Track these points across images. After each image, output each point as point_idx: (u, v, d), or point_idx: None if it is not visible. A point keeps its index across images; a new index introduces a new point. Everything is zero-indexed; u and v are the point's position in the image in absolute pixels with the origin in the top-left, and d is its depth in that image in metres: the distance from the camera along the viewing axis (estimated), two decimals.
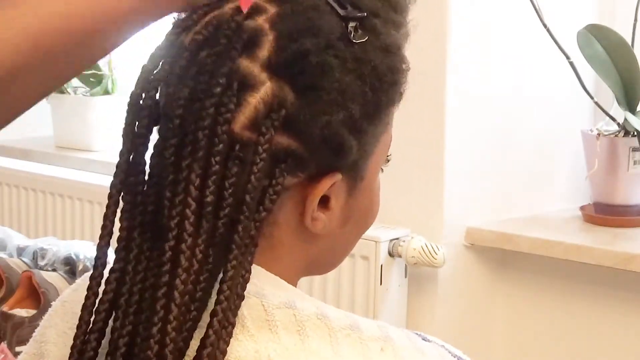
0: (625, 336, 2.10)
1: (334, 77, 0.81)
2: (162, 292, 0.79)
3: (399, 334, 0.85)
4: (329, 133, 0.81)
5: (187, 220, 0.79)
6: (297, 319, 0.81)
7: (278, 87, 0.81)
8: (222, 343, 0.78)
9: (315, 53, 0.81)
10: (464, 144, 2.14)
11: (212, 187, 0.79)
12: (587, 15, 2.22)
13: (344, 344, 0.81)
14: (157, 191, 0.81)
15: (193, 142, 0.79)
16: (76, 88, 2.97)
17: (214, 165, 0.79)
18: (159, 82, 0.83)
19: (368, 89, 0.83)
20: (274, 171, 0.81)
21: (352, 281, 2.17)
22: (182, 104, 0.80)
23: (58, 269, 2.00)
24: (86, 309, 0.83)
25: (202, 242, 0.79)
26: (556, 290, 2.17)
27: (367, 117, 0.84)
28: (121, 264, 0.82)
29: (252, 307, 0.81)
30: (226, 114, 0.79)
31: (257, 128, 0.80)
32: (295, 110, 0.81)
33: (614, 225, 2.12)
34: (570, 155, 2.27)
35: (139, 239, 0.82)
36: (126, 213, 0.83)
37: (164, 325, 0.78)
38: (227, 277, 0.79)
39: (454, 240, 2.15)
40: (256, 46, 0.81)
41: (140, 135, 0.83)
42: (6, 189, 2.99)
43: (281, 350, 0.80)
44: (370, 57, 0.84)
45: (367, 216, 0.91)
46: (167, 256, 0.79)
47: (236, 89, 0.80)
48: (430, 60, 2.10)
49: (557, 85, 2.23)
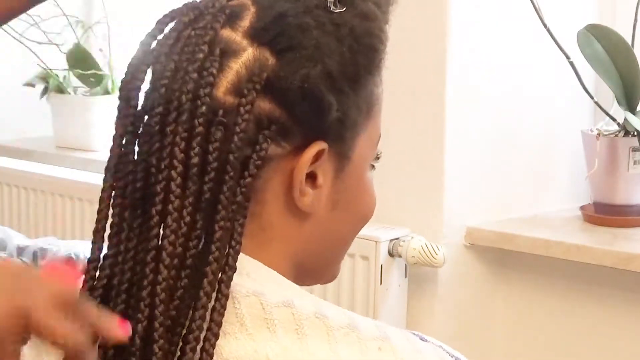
0: (625, 336, 2.10)
1: (312, 36, 0.85)
2: (151, 256, 0.81)
3: (397, 334, 0.85)
4: (308, 87, 0.84)
5: (174, 182, 0.81)
6: (295, 318, 0.82)
7: (259, 51, 0.84)
8: (216, 315, 0.80)
9: (293, 15, 0.84)
10: (464, 144, 2.14)
11: (196, 148, 0.81)
12: (587, 15, 2.22)
13: (342, 343, 0.81)
14: (145, 166, 0.83)
15: (177, 107, 0.82)
16: (76, 88, 2.97)
17: (197, 127, 0.82)
18: (148, 65, 0.85)
19: (346, 49, 0.86)
20: (257, 137, 0.83)
21: (352, 281, 2.16)
22: (168, 74, 0.83)
23: None
24: (83, 295, 0.84)
25: (189, 205, 0.81)
26: (556, 290, 2.17)
27: (346, 77, 0.86)
28: (114, 248, 0.84)
29: (250, 306, 0.82)
30: (208, 77, 0.82)
31: (239, 92, 0.83)
32: (275, 72, 0.84)
33: (614, 225, 2.12)
34: (570, 155, 2.27)
35: (129, 218, 0.84)
36: (118, 197, 0.85)
37: (154, 287, 0.79)
38: (216, 238, 0.81)
39: (454, 240, 2.15)
40: (238, 18, 0.85)
41: (129, 115, 0.85)
42: (6, 189, 2.99)
43: (279, 349, 0.80)
44: (348, 21, 0.87)
45: (356, 205, 0.91)
46: (155, 220, 0.81)
47: (218, 55, 0.83)
48: (430, 60, 2.10)
49: (557, 85, 2.23)
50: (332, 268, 0.95)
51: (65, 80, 2.96)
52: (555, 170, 2.29)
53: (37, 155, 2.99)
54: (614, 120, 2.13)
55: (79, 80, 2.96)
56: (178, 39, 0.85)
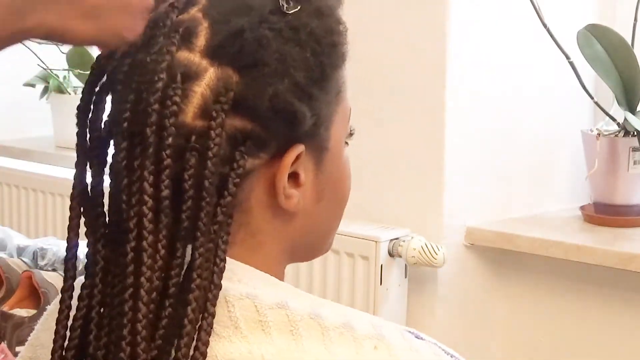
0: (625, 336, 2.10)
1: (272, 49, 0.82)
2: (129, 293, 0.79)
3: (393, 332, 0.85)
4: (278, 103, 0.82)
5: (145, 217, 0.79)
6: (289, 319, 0.81)
7: (221, 70, 0.82)
8: (204, 334, 0.78)
9: (249, 29, 0.82)
10: (464, 144, 2.14)
11: (165, 181, 0.79)
12: (587, 15, 2.22)
13: (337, 342, 0.81)
14: (116, 197, 0.81)
15: (142, 141, 0.80)
16: (76, 88, 2.98)
17: (165, 159, 0.79)
18: (106, 92, 0.84)
19: (309, 54, 0.84)
20: (233, 155, 0.82)
21: (352, 281, 2.16)
22: (129, 107, 0.81)
23: (58, 269, 2.00)
24: (60, 323, 0.83)
25: (163, 238, 0.79)
26: (556, 290, 2.17)
27: (313, 82, 0.85)
28: (90, 278, 0.83)
29: (244, 309, 0.81)
30: (172, 106, 0.80)
31: (208, 115, 0.81)
32: (241, 89, 0.81)
33: (614, 225, 2.12)
34: (570, 155, 2.27)
35: (103, 250, 0.82)
36: (89, 227, 0.84)
37: (134, 326, 0.78)
38: (196, 266, 0.79)
39: (454, 240, 2.15)
40: (193, 36, 0.82)
41: (94, 147, 0.84)
42: (6, 189, 2.99)
43: (274, 350, 0.80)
44: (305, 22, 0.84)
45: (339, 189, 0.91)
46: (130, 257, 0.79)
47: (180, 81, 0.81)
48: (430, 60, 2.10)
49: (557, 86, 2.23)
50: (325, 246, 0.95)
51: (65, 80, 2.96)
52: (555, 170, 2.29)
53: (37, 155, 2.99)
54: (614, 120, 2.13)
55: (79, 80, 2.96)
56: (133, 66, 0.82)
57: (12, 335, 1.89)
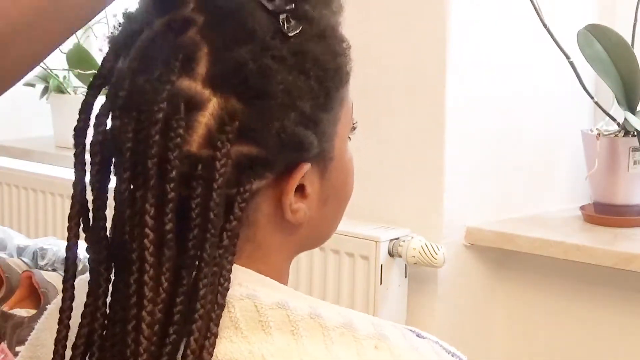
0: (625, 336, 2.10)
1: (277, 80, 0.80)
2: (132, 326, 0.78)
3: (394, 331, 0.84)
4: (286, 136, 0.81)
5: (147, 250, 0.78)
6: (290, 319, 0.81)
7: (224, 100, 0.79)
8: (206, 354, 0.78)
9: (252, 60, 0.79)
10: (464, 144, 2.14)
11: (169, 214, 0.78)
12: (587, 15, 2.22)
13: (338, 343, 0.81)
14: (120, 225, 0.80)
15: (143, 172, 0.78)
16: (76, 88, 2.98)
17: (169, 192, 0.78)
18: (105, 116, 0.81)
19: (313, 82, 0.82)
20: (240, 179, 0.80)
21: (352, 281, 2.16)
22: (130, 136, 0.79)
23: (58, 269, 2.00)
24: (59, 343, 0.82)
25: (167, 270, 0.78)
26: (556, 290, 2.17)
27: (319, 107, 0.83)
28: (92, 298, 0.82)
29: (245, 309, 0.81)
30: (176, 139, 0.78)
31: (213, 144, 0.79)
32: (247, 119, 0.80)
33: (614, 225, 2.12)
34: (570, 155, 2.27)
35: (105, 273, 0.82)
36: (92, 247, 0.83)
37: (135, 358, 0.77)
38: (200, 296, 0.78)
39: (454, 240, 2.15)
40: (193, 62, 0.80)
41: (95, 173, 0.82)
42: (6, 189, 2.99)
43: (275, 350, 0.80)
44: (308, 48, 0.82)
45: (345, 190, 0.91)
46: (133, 289, 0.78)
47: (184, 112, 0.79)
48: (430, 61, 2.10)
49: (557, 86, 2.23)
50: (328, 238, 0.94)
51: (65, 80, 2.96)
52: (555, 170, 2.30)
53: (37, 155, 2.99)
54: (614, 120, 2.13)
55: (79, 80, 2.96)
56: (131, 90, 0.80)
57: (12, 335, 1.89)
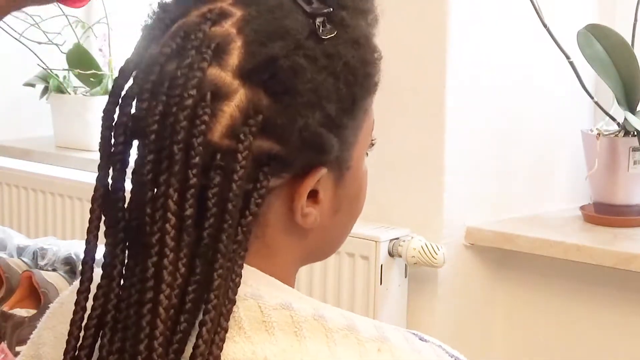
0: (625, 336, 2.10)
1: (307, 78, 0.81)
2: (147, 309, 0.78)
3: (396, 334, 0.84)
4: (308, 134, 0.81)
5: (168, 235, 0.78)
6: (293, 320, 0.81)
7: (252, 93, 0.80)
8: (215, 348, 0.78)
9: (284, 56, 0.80)
10: (464, 144, 2.14)
11: (190, 200, 0.79)
12: (587, 15, 2.22)
13: (340, 344, 0.81)
14: (139, 208, 0.81)
15: (169, 156, 0.79)
16: (76, 88, 2.97)
17: (191, 178, 0.79)
18: (132, 98, 0.82)
19: (342, 85, 0.83)
20: (257, 175, 0.81)
21: (352, 281, 2.17)
22: (157, 119, 0.80)
23: (58, 269, 2.00)
24: (75, 324, 0.83)
25: (184, 256, 0.79)
26: (556, 290, 2.17)
27: (344, 112, 0.84)
28: (107, 280, 0.82)
29: (248, 309, 0.81)
30: (201, 125, 0.79)
31: (235, 135, 0.80)
32: (271, 113, 0.80)
33: (614, 225, 2.12)
34: (570, 155, 2.27)
35: (121, 255, 0.82)
36: (109, 229, 0.83)
37: (151, 342, 0.78)
38: (214, 287, 0.79)
39: (454, 240, 2.15)
40: (225, 53, 0.81)
41: (118, 152, 0.83)
42: (6, 189, 2.99)
43: (278, 351, 0.80)
44: (341, 52, 0.83)
45: (357, 202, 0.91)
46: (150, 272, 0.79)
47: (210, 100, 0.79)
48: (430, 60, 2.10)
49: (557, 85, 2.23)
50: (334, 251, 0.95)
51: (65, 80, 2.96)
52: (555, 170, 2.30)
53: (37, 155, 2.99)
54: (614, 120, 2.13)
55: (79, 80, 2.96)
56: (161, 75, 0.81)
57: (12, 335, 1.89)
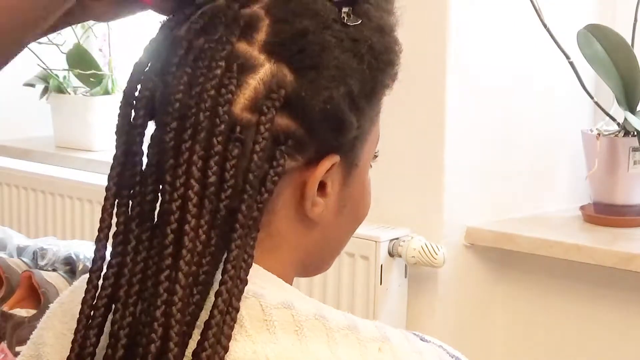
0: (625, 336, 2.10)
1: (333, 55, 0.83)
2: (165, 275, 0.79)
3: (397, 335, 0.85)
4: (331, 108, 0.83)
5: (190, 201, 0.79)
6: (295, 319, 0.81)
7: (277, 68, 0.82)
8: (227, 327, 0.79)
9: (313, 32, 0.82)
10: (464, 144, 2.14)
11: (214, 167, 0.80)
12: (587, 15, 2.22)
13: (341, 344, 0.81)
14: (156, 179, 0.82)
15: (194, 124, 0.80)
16: (76, 88, 2.98)
17: (216, 145, 0.80)
18: (154, 74, 0.83)
19: (366, 67, 0.85)
20: (274, 153, 0.82)
21: (352, 281, 2.17)
22: (182, 88, 0.81)
23: (58, 269, 2.00)
24: (86, 303, 0.83)
25: (205, 224, 0.80)
26: (556, 290, 2.17)
27: (365, 95, 0.86)
28: (119, 258, 0.82)
29: (250, 307, 0.81)
30: (227, 94, 0.80)
31: (257, 109, 0.81)
32: (294, 89, 0.82)
33: (614, 225, 2.12)
34: (570, 155, 2.27)
35: (137, 230, 0.82)
36: (123, 207, 0.83)
37: (169, 307, 0.78)
38: (232, 257, 0.80)
39: (454, 240, 2.15)
40: (254, 30, 0.83)
41: (137, 126, 0.83)
42: (6, 189, 2.99)
43: (279, 350, 0.80)
44: (366, 36, 0.85)
45: (359, 208, 0.92)
46: (170, 239, 0.79)
47: (236, 71, 0.81)
48: (431, 61, 2.10)
49: (557, 85, 2.23)
50: (328, 265, 0.96)
51: (65, 80, 2.96)
52: (555, 170, 2.30)
53: (37, 155, 2.99)
54: (614, 120, 2.13)
55: (79, 80, 2.96)
56: (189, 49, 0.82)
57: (12, 335, 1.89)
